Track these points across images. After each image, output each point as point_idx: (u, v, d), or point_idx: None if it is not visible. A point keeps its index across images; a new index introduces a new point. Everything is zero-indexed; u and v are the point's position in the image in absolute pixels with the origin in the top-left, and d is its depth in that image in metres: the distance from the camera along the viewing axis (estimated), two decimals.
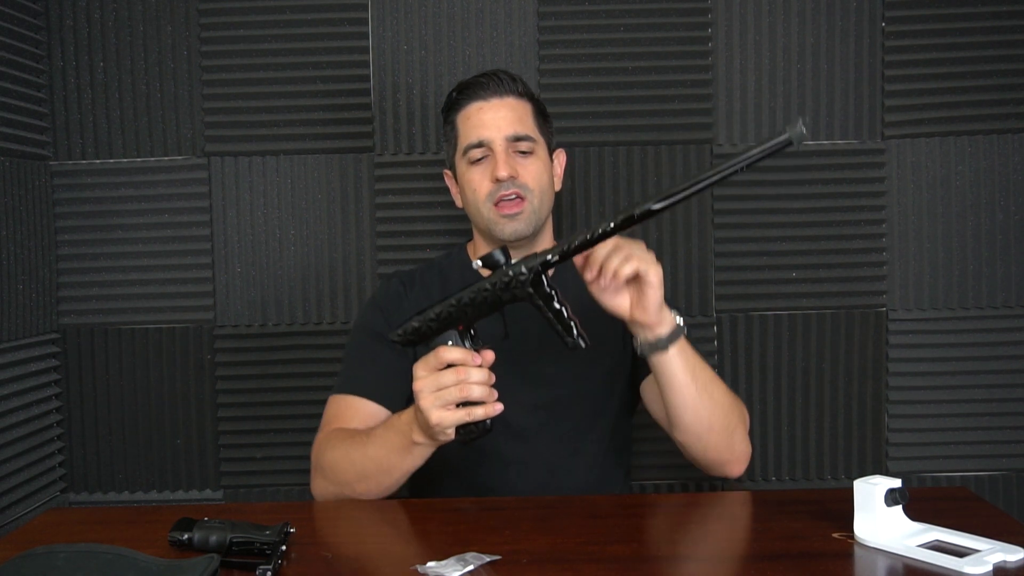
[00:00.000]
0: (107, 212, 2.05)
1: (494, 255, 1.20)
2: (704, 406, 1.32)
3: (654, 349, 1.29)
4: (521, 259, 1.20)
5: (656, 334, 1.28)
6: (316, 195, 2.06)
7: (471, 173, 1.49)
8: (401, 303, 1.52)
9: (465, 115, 1.50)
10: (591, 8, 2.03)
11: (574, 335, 1.20)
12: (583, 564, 1.07)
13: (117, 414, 2.07)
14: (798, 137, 1.06)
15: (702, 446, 1.35)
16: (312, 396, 1.97)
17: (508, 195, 1.45)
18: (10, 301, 1.88)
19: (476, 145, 1.47)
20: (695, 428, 1.33)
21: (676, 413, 1.33)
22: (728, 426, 1.35)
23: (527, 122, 1.50)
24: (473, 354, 1.20)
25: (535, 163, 1.49)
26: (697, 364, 1.32)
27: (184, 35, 2.04)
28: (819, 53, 2.03)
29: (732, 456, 1.38)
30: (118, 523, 1.31)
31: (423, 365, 1.21)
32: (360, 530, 1.25)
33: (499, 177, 1.44)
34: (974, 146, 2.03)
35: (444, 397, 1.18)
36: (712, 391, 1.33)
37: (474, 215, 1.51)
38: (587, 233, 1.18)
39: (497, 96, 1.49)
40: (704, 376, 1.32)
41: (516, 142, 1.47)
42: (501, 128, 1.47)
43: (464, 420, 1.19)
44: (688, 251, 2.05)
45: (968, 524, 1.12)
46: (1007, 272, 2.04)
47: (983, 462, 2.06)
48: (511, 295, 1.19)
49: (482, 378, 1.19)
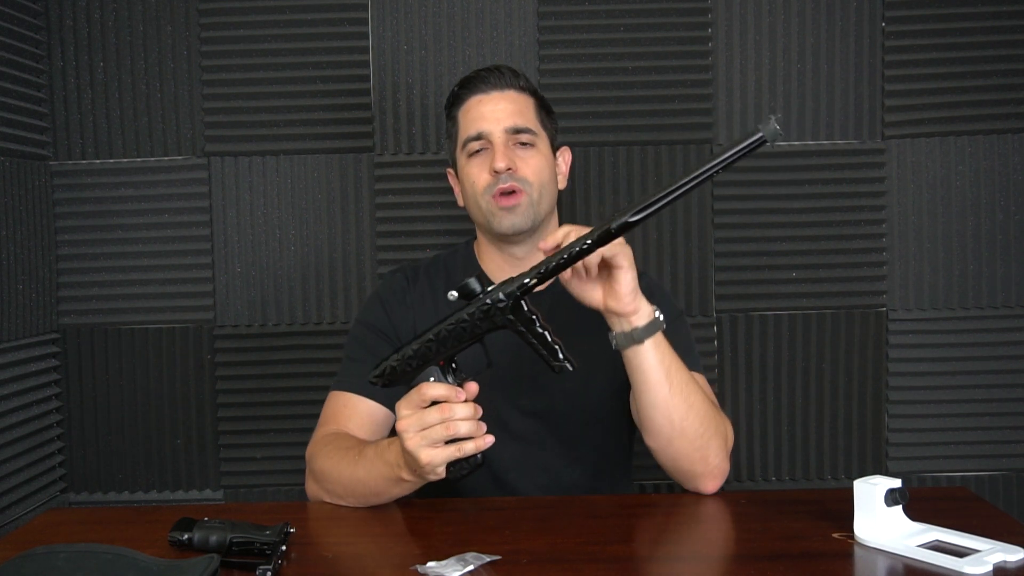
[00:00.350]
0: (107, 212, 2.05)
1: (469, 284, 1.14)
2: (676, 408, 1.26)
3: (629, 341, 1.24)
4: (497, 285, 1.15)
5: (632, 323, 1.23)
6: (316, 195, 2.06)
7: (470, 166, 1.47)
8: (404, 298, 1.51)
9: (465, 109, 1.49)
10: (591, 8, 2.03)
11: (560, 358, 1.15)
12: (583, 564, 1.07)
13: (117, 414, 2.07)
14: (772, 134, 1.02)
15: (672, 452, 1.30)
16: (312, 396, 1.96)
17: (506, 188, 1.42)
18: (10, 301, 1.88)
19: (475, 137, 1.46)
20: (665, 431, 1.28)
21: (646, 413, 1.28)
22: (702, 434, 1.29)
23: (527, 115, 1.48)
24: (457, 390, 1.16)
25: (535, 156, 1.46)
26: (674, 364, 1.27)
27: (184, 35, 2.04)
28: (819, 53, 2.03)
29: (705, 469, 1.30)
30: (118, 523, 1.30)
31: (406, 403, 1.17)
32: (360, 530, 1.25)
33: (496, 169, 1.42)
34: (974, 146, 2.03)
35: (430, 436, 1.14)
36: (688, 395, 1.27)
37: (473, 209, 1.49)
38: (565, 252, 1.13)
39: (497, 89, 1.47)
40: (680, 377, 1.27)
41: (516, 134, 1.45)
42: (500, 120, 1.45)
43: (455, 457, 1.16)
44: (688, 251, 2.05)
45: (968, 524, 1.12)
46: (1007, 272, 2.04)
47: (983, 462, 2.06)
48: (491, 323, 1.14)
49: (468, 413, 1.15)
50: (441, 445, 1.15)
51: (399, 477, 1.23)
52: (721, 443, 1.32)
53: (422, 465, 1.16)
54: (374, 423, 1.44)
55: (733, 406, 2.06)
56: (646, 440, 1.33)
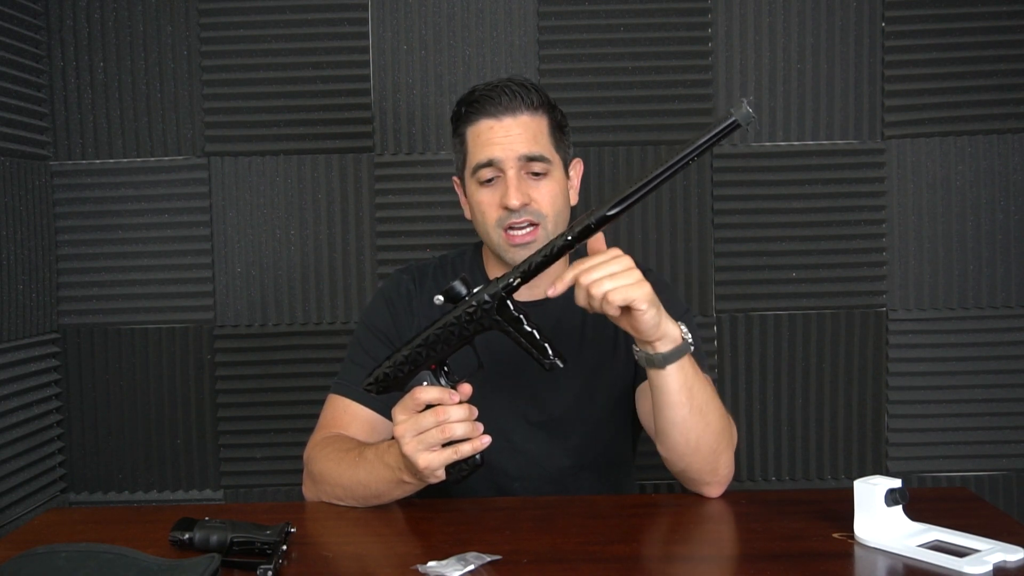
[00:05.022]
0: (107, 212, 2.05)
1: (455, 288, 1.15)
2: (694, 428, 1.25)
3: (650, 363, 1.21)
4: (483, 287, 1.15)
5: (655, 349, 1.20)
6: (316, 195, 2.06)
7: (480, 195, 1.41)
8: (410, 303, 1.49)
9: (475, 132, 1.40)
10: (591, 8, 2.03)
11: (550, 356, 1.15)
12: (583, 564, 1.07)
13: (117, 414, 2.07)
14: (744, 118, 1.01)
15: (684, 464, 1.29)
16: (312, 396, 1.96)
17: (520, 223, 1.37)
18: (10, 301, 1.88)
19: (486, 164, 1.38)
20: (680, 448, 1.27)
21: (664, 428, 1.27)
22: (716, 450, 1.28)
23: (542, 140, 1.40)
24: (450, 392, 1.16)
25: (549, 185, 1.39)
26: (696, 384, 1.24)
27: (184, 35, 2.04)
28: (819, 53, 2.03)
29: (714, 479, 1.30)
30: (118, 523, 1.30)
31: (401, 408, 1.18)
32: (360, 530, 1.25)
33: (510, 206, 1.36)
34: (974, 146, 2.03)
35: (427, 440, 1.15)
36: (707, 413, 1.26)
37: (483, 237, 1.45)
38: (547, 248, 1.13)
39: (510, 114, 1.38)
40: (701, 397, 1.25)
41: (529, 162, 1.38)
42: (513, 147, 1.37)
43: (453, 459, 1.16)
44: (688, 251, 2.05)
45: (968, 524, 1.12)
46: (1007, 272, 2.04)
47: (983, 462, 2.06)
48: (479, 325, 1.15)
49: (463, 415, 1.16)
50: (438, 448, 1.16)
51: (400, 479, 1.24)
52: (730, 452, 1.32)
53: (421, 469, 1.17)
54: (373, 429, 1.43)
55: (733, 406, 2.06)
56: (659, 449, 1.31)
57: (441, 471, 1.17)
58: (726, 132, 1.04)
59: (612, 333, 1.46)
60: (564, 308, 1.43)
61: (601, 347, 1.46)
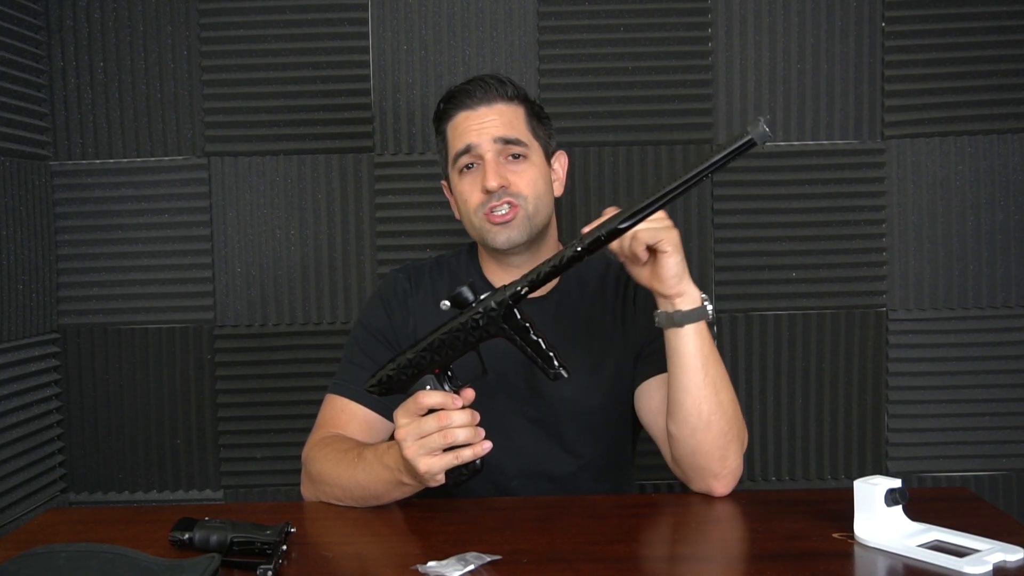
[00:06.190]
0: (107, 212, 2.05)
1: (462, 293, 1.15)
2: (707, 398, 1.26)
3: (670, 322, 1.24)
4: (490, 294, 1.16)
5: (675, 306, 1.23)
6: (316, 195, 2.06)
7: (462, 183, 1.44)
8: (406, 301, 1.50)
9: (453, 124, 1.45)
10: (591, 8, 2.03)
11: (555, 366, 1.16)
12: (583, 564, 1.07)
13: (117, 414, 2.08)
14: (761, 137, 1.02)
15: (693, 443, 1.28)
16: (312, 396, 1.96)
17: (499, 205, 1.39)
18: (10, 301, 1.88)
19: (464, 151, 1.42)
20: (692, 419, 1.27)
21: (677, 397, 1.28)
22: (726, 433, 1.28)
23: (517, 126, 1.43)
24: (453, 397, 1.17)
25: (528, 168, 1.42)
26: (711, 357, 1.27)
27: (184, 35, 2.04)
28: (819, 53, 2.03)
29: (722, 470, 1.29)
30: (118, 523, 1.30)
31: (403, 412, 1.19)
32: (360, 530, 1.25)
33: (488, 188, 1.38)
34: (974, 146, 2.03)
35: (428, 444, 1.16)
36: (719, 391, 1.28)
37: (468, 227, 1.47)
38: (555, 259, 1.14)
39: (485, 104, 1.42)
40: (715, 372, 1.27)
41: (506, 145, 1.41)
42: (488, 131, 1.41)
43: (454, 464, 1.17)
44: (688, 251, 2.05)
45: (968, 524, 1.12)
46: (1007, 272, 2.04)
47: (983, 462, 2.06)
48: (484, 332, 1.15)
49: (465, 420, 1.16)
50: (439, 453, 1.17)
51: (399, 481, 1.24)
52: (740, 448, 1.32)
53: (421, 473, 1.18)
54: (372, 429, 1.44)
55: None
56: (670, 427, 1.31)
57: (441, 475, 1.18)
58: (741, 150, 1.05)
59: (612, 333, 1.46)
60: (564, 307, 1.44)
61: (601, 347, 1.46)
